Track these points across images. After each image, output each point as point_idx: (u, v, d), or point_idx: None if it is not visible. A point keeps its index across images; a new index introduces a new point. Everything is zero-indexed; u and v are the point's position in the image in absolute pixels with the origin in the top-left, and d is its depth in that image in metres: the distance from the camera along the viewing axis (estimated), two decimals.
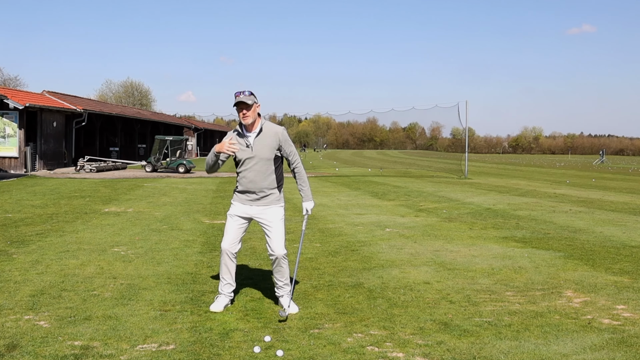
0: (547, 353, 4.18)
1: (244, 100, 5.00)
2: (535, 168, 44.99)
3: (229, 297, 5.27)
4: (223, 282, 5.26)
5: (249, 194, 5.15)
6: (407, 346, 4.29)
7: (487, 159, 77.41)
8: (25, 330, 4.49)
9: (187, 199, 15.39)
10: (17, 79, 62.18)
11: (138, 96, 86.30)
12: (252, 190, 5.12)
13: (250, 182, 5.11)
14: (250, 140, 5.10)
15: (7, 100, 24.83)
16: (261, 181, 5.11)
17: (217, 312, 5.09)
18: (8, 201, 13.91)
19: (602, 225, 11.07)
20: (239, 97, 5.03)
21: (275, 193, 5.19)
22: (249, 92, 5.08)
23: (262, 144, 5.09)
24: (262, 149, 5.08)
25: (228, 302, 5.27)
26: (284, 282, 5.24)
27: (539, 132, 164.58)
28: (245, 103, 5.01)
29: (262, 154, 5.08)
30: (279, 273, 5.23)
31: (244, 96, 5.03)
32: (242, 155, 5.11)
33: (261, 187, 5.12)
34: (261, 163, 5.09)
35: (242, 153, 5.11)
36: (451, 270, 6.91)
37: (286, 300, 5.19)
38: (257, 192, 5.13)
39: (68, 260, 7.14)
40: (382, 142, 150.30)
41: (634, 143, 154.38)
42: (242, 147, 5.12)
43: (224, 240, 5.23)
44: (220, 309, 5.14)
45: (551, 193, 18.91)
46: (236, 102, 5.02)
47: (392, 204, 14.83)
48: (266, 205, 5.16)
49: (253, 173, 5.10)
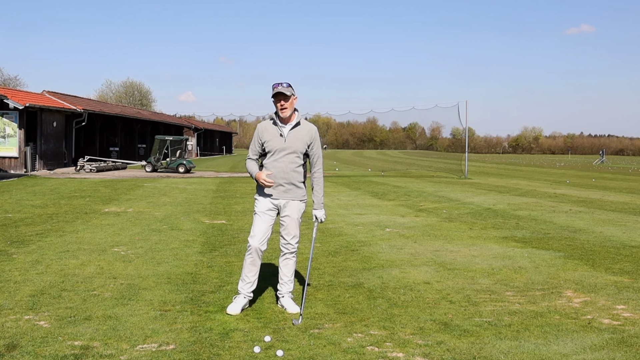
0: (547, 353, 4.18)
1: (283, 91, 4.92)
2: (535, 168, 44.99)
3: (248, 297, 5.12)
4: (245, 281, 5.10)
5: (277, 186, 5.04)
6: (407, 346, 4.29)
7: (487, 159, 77.40)
8: (25, 330, 4.49)
9: (187, 199, 15.39)
10: (17, 79, 62.28)
11: (138, 96, 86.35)
12: (281, 181, 5.02)
13: (280, 172, 5.01)
14: (285, 131, 5.03)
15: (7, 100, 24.83)
16: (291, 172, 5.03)
17: (234, 314, 4.92)
18: (8, 201, 13.91)
19: (602, 225, 11.07)
20: (278, 88, 4.95)
21: (302, 188, 5.14)
22: (287, 83, 5.00)
23: (296, 137, 5.03)
24: (295, 141, 5.02)
25: (246, 303, 5.11)
26: (289, 278, 5.20)
27: (539, 132, 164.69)
28: (284, 94, 4.93)
29: (295, 146, 5.01)
30: (286, 267, 5.19)
31: (283, 87, 4.95)
32: (274, 145, 5.02)
33: (291, 178, 5.04)
34: (293, 155, 5.02)
35: (274, 142, 5.02)
36: (451, 270, 6.91)
37: (288, 302, 5.15)
38: (286, 183, 5.04)
39: (68, 260, 7.14)
40: (382, 142, 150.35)
41: (634, 143, 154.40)
42: (275, 137, 5.03)
43: (254, 238, 5.06)
44: (237, 311, 4.97)
45: (551, 193, 18.91)
46: (274, 92, 4.95)
47: (392, 204, 14.83)
48: (293, 198, 5.09)
49: (284, 164, 5.01)
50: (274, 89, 4.97)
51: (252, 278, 5.12)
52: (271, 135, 5.06)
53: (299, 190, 5.12)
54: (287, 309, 5.14)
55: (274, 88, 4.97)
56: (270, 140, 5.04)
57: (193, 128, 57.74)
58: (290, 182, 5.05)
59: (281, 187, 5.06)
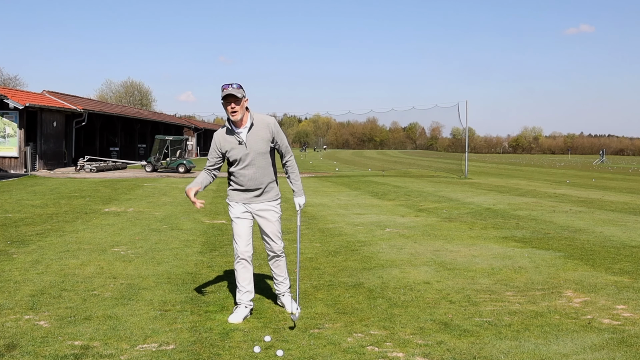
0: (547, 353, 4.18)
1: (234, 93, 4.62)
2: (535, 168, 44.99)
3: (249, 306, 4.95)
4: (242, 291, 4.94)
5: (249, 192, 4.87)
6: (407, 346, 4.29)
7: (487, 159, 77.41)
8: (25, 330, 4.49)
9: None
10: (17, 79, 62.26)
11: (138, 96, 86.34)
12: (253, 187, 4.85)
13: (250, 180, 4.82)
14: (243, 137, 4.77)
15: (7, 100, 24.83)
16: (262, 177, 4.84)
17: (236, 323, 4.75)
18: (8, 201, 13.91)
19: (602, 225, 11.07)
20: (228, 90, 4.64)
21: (275, 187, 4.98)
22: (237, 84, 4.69)
23: (255, 138, 4.77)
24: (256, 143, 4.77)
25: (248, 313, 4.93)
26: (284, 276, 5.15)
27: (539, 132, 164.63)
28: (234, 96, 4.64)
29: (257, 148, 4.77)
30: (277, 268, 5.11)
31: (233, 89, 4.64)
32: (237, 154, 4.79)
33: (262, 183, 4.86)
34: (259, 158, 4.79)
35: (235, 151, 4.78)
36: (451, 270, 6.91)
37: (287, 299, 5.12)
38: (259, 189, 4.87)
39: (68, 260, 7.14)
40: (382, 142, 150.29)
41: (634, 143, 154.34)
42: (234, 145, 4.79)
43: (238, 245, 4.92)
44: (239, 320, 4.79)
45: (551, 193, 18.91)
46: (224, 95, 4.65)
47: (392, 204, 14.83)
48: (267, 200, 4.92)
49: (252, 170, 4.80)
50: (223, 90, 4.66)
51: (247, 287, 4.95)
52: (231, 144, 4.80)
53: (272, 190, 4.95)
54: (287, 307, 5.11)
55: (224, 89, 4.66)
56: (231, 150, 4.79)
57: (193, 128, 57.73)
58: (262, 187, 4.87)
59: (253, 193, 4.88)
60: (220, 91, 4.70)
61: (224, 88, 4.67)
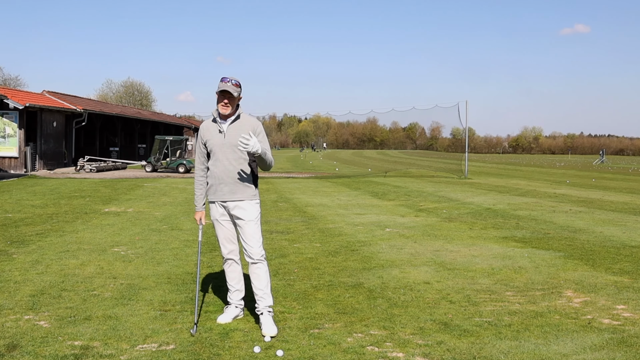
0: (547, 353, 4.18)
1: (231, 90, 4.57)
2: (535, 168, 44.99)
3: (239, 306, 4.89)
4: (232, 290, 4.88)
5: (222, 186, 4.68)
6: (407, 346, 4.29)
7: (487, 159, 77.41)
8: (25, 330, 4.49)
9: (187, 199, 15.38)
10: (17, 79, 62.30)
11: (138, 96, 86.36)
12: (225, 180, 4.66)
13: (223, 172, 4.66)
14: (224, 127, 4.67)
15: (7, 100, 24.83)
16: (235, 170, 4.65)
17: (224, 323, 4.71)
18: (8, 201, 13.91)
19: (602, 225, 11.07)
20: (226, 86, 4.57)
21: (251, 187, 4.72)
22: (236, 81, 4.64)
23: (236, 131, 4.63)
24: (235, 136, 4.61)
25: (239, 312, 4.89)
26: (264, 291, 4.66)
27: (539, 132, 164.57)
28: (230, 93, 4.58)
29: (235, 141, 4.59)
30: (256, 279, 4.66)
31: (231, 85, 4.58)
32: (214, 143, 4.68)
33: (235, 177, 4.65)
34: (235, 151, 4.63)
35: (214, 140, 4.68)
36: (451, 270, 6.91)
37: (267, 319, 4.57)
38: (231, 183, 4.66)
39: (68, 260, 7.14)
40: (382, 142, 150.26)
41: (634, 143, 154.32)
42: (214, 134, 4.69)
43: (222, 247, 4.86)
44: (228, 320, 4.76)
45: (551, 193, 18.91)
46: (221, 89, 4.58)
47: (392, 204, 14.83)
48: (241, 199, 4.68)
49: (227, 162, 4.65)
50: (221, 83, 4.60)
51: (236, 286, 4.87)
52: (211, 133, 4.71)
53: (247, 189, 4.70)
54: (263, 329, 4.50)
55: (223, 82, 4.60)
56: (210, 139, 4.70)
57: (193, 128, 57.75)
58: (235, 180, 4.66)
59: (226, 187, 4.68)
60: (219, 81, 4.65)
61: (223, 81, 4.62)
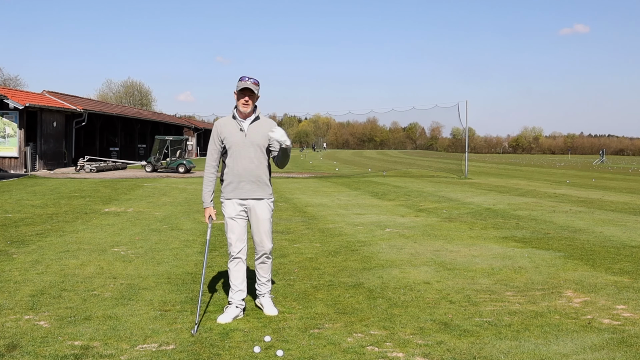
0: (547, 353, 4.18)
1: (251, 87, 4.74)
2: (535, 168, 45.00)
3: (240, 306, 4.93)
4: (235, 290, 4.93)
5: (244, 184, 4.82)
6: (407, 346, 4.29)
7: (487, 159, 77.40)
8: (25, 330, 4.49)
9: (187, 199, 15.39)
10: (17, 79, 62.23)
11: (138, 96, 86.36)
12: (247, 178, 4.81)
13: (244, 170, 4.79)
14: (245, 125, 4.82)
15: (7, 100, 24.83)
16: (256, 169, 4.82)
17: (224, 323, 4.72)
18: (8, 201, 13.91)
19: (602, 225, 11.07)
20: (247, 84, 4.75)
21: (269, 185, 4.95)
22: (255, 80, 4.81)
23: (257, 130, 4.81)
24: (256, 135, 4.80)
25: (239, 312, 4.91)
26: (267, 278, 5.12)
27: (539, 132, 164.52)
28: (251, 90, 4.75)
29: (256, 140, 4.79)
30: (262, 269, 5.09)
31: (252, 83, 4.76)
32: (235, 141, 4.79)
33: (257, 175, 4.82)
34: (255, 150, 4.80)
35: (234, 138, 4.79)
36: (451, 270, 6.91)
37: (267, 301, 5.09)
38: (252, 182, 4.82)
39: (68, 260, 7.14)
40: (382, 142, 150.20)
41: (634, 143, 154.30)
42: (235, 132, 4.81)
43: (232, 245, 4.93)
44: (228, 320, 4.78)
45: (551, 193, 18.91)
46: (242, 87, 4.74)
47: (392, 204, 14.83)
48: (261, 197, 4.88)
49: (247, 160, 4.79)
50: (241, 82, 4.76)
51: (240, 285, 4.94)
52: (230, 130, 4.82)
53: (267, 187, 4.91)
54: (265, 309, 5.05)
55: (243, 81, 4.76)
56: (229, 136, 4.80)
57: (193, 128, 57.75)
58: (256, 179, 4.84)
59: (247, 186, 4.84)
60: (238, 81, 4.79)
61: (243, 79, 4.77)
